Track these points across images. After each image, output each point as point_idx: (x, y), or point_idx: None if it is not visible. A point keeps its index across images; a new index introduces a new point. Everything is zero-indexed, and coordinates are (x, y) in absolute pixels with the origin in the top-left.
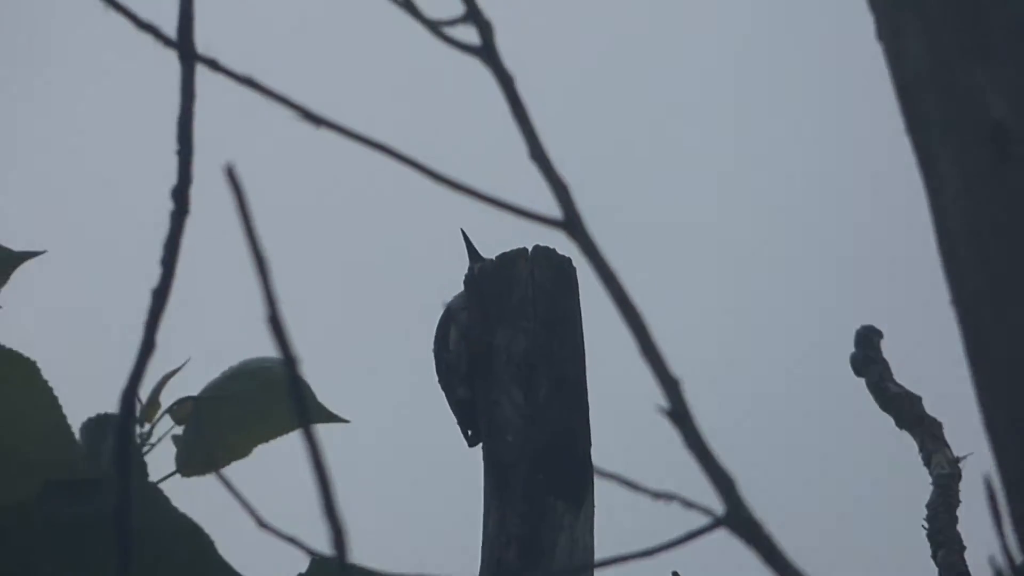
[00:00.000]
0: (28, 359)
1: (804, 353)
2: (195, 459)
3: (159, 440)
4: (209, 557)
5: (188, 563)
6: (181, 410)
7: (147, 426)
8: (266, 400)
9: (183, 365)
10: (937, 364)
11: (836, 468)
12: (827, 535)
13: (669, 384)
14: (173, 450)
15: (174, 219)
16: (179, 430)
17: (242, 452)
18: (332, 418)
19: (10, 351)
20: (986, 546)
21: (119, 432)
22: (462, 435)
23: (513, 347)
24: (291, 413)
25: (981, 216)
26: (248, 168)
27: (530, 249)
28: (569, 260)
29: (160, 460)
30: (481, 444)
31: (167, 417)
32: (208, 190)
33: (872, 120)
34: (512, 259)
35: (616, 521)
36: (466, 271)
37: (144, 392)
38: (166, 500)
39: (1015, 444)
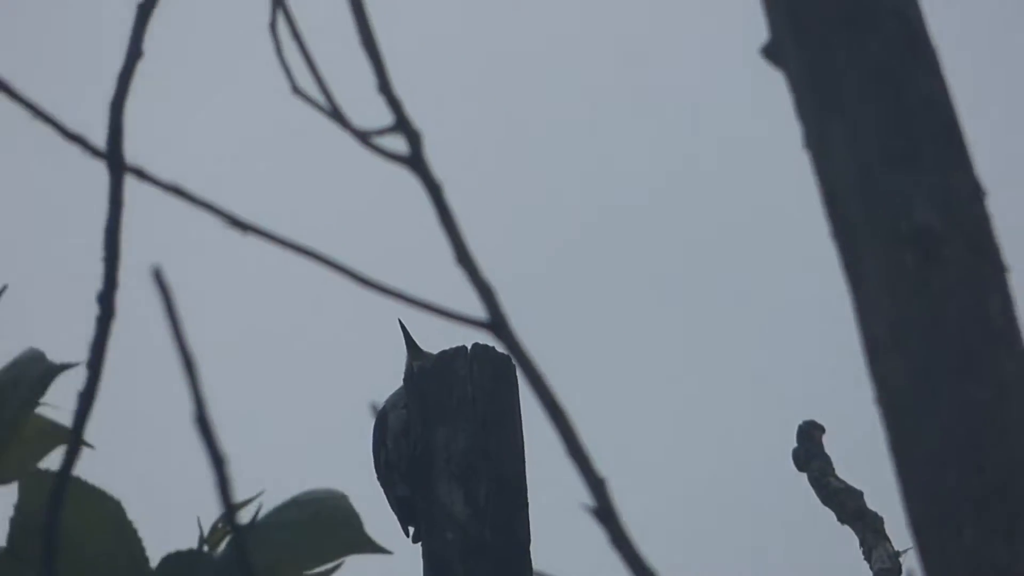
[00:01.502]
0: (114, 498)
1: (745, 448)
2: None
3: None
4: None
5: None
6: (215, 537)
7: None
8: (316, 528)
9: (258, 495)
10: (878, 459)
11: (777, 562)
12: None
13: (595, 483)
14: None
15: (100, 323)
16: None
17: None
18: (378, 549)
19: (98, 490)
20: None
21: (45, 532)
22: (403, 532)
23: (452, 446)
24: (339, 541)
25: (904, 317)
26: (176, 274)
27: (469, 347)
28: (509, 358)
29: None
30: (421, 541)
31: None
32: (138, 296)
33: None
34: (451, 357)
35: None
36: (405, 368)
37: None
38: None
39: (937, 537)
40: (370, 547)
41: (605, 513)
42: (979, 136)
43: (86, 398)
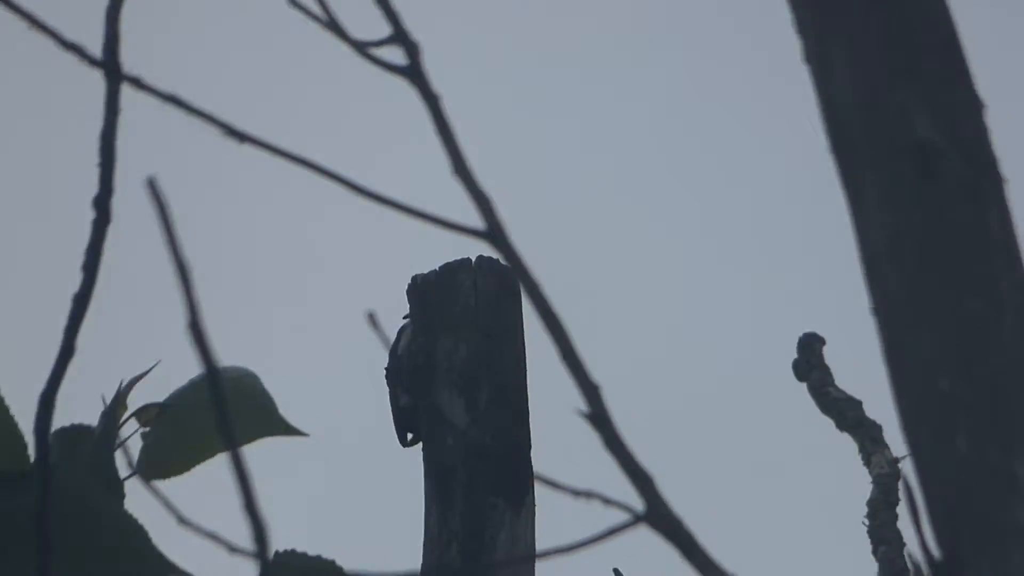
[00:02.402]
0: None
1: (747, 359)
2: (157, 463)
3: (122, 443)
4: (145, 547)
5: (122, 552)
6: (146, 415)
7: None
8: (231, 410)
9: (152, 368)
10: (877, 370)
11: (779, 469)
12: (774, 532)
13: (589, 389)
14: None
15: (95, 227)
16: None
17: (204, 457)
18: (292, 431)
19: None
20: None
21: (37, 436)
22: (398, 437)
23: (455, 356)
24: (253, 424)
25: (902, 231)
26: (172, 183)
27: (473, 260)
28: (512, 271)
29: (120, 462)
30: (422, 446)
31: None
32: (133, 205)
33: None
34: (455, 269)
35: (561, 526)
36: (409, 282)
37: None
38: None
39: (931, 445)
40: (284, 429)
41: (599, 418)
42: (977, 50)
43: (80, 302)
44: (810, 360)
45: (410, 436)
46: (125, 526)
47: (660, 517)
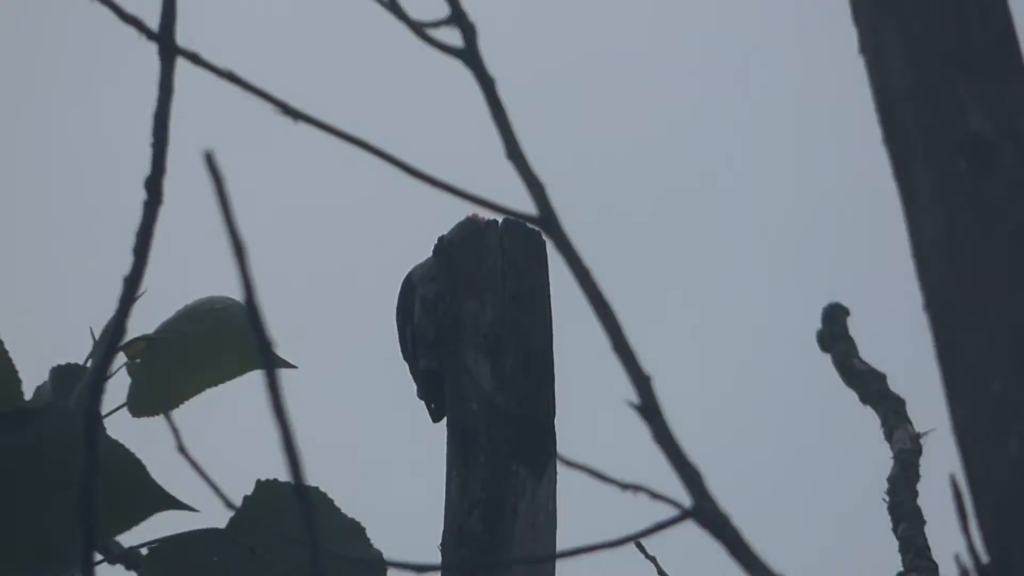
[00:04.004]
0: None
1: (771, 329)
2: (146, 399)
3: (110, 376)
4: (143, 480)
5: (122, 486)
6: (133, 347)
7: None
8: (218, 343)
9: (138, 296)
10: (902, 343)
11: (799, 443)
12: (788, 505)
13: (640, 380)
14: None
15: (147, 208)
16: (133, 365)
17: (192, 393)
18: (282, 363)
19: None
20: (945, 521)
21: (87, 420)
22: (425, 408)
23: (480, 318)
24: (243, 356)
25: (955, 225)
26: (227, 160)
27: (500, 221)
28: (539, 233)
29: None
30: (445, 412)
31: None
32: (187, 183)
33: (851, 127)
34: (482, 230)
35: (580, 510)
36: (436, 242)
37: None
38: (101, 429)
39: (981, 446)
40: (275, 361)
41: (650, 410)
42: None
43: (131, 284)
44: (834, 331)
45: (434, 407)
46: (122, 459)
47: (707, 513)
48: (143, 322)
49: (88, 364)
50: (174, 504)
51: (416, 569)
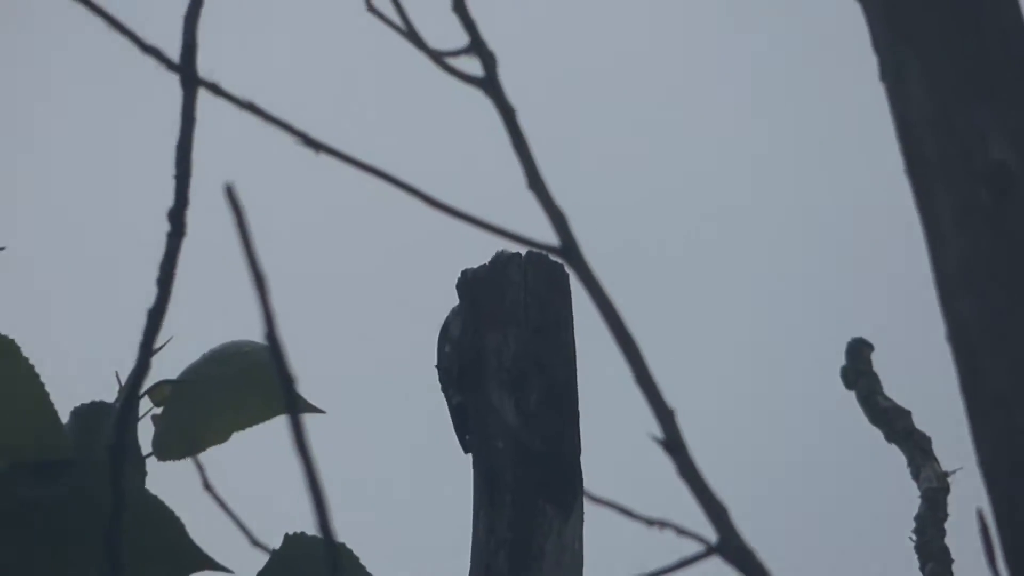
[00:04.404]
0: (6, 337)
1: (794, 366)
2: (171, 443)
3: (136, 421)
4: (180, 539)
5: (158, 544)
6: (159, 392)
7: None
8: (244, 385)
9: (166, 344)
10: (927, 379)
11: (825, 480)
12: (814, 545)
13: (664, 414)
14: (149, 432)
15: (170, 240)
16: (157, 411)
17: (219, 438)
18: (309, 408)
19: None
20: (974, 559)
21: (113, 457)
22: (459, 441)
23: (504, 352)
24: (269, 400)
25: (977, 255)
26: (248, 192)
27: (523, 254)
28: (562, 266)
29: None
30: (472, 450)
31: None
32: (208, 214)
33: (872, 156)
34: (504, 263)
35: (605, 546)
36: (459, 276)
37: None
38: (139, 481)
39: (1007, 480)
40: (303, 406)
41: (674, 444)
42: None
43: (155, 316)
44: (858, 367)
45: (467, 438)
46: (158, 516)
47: (733, 548)
48: (167, 368)
49: (116, 404)
50: (210, 565)
51: None
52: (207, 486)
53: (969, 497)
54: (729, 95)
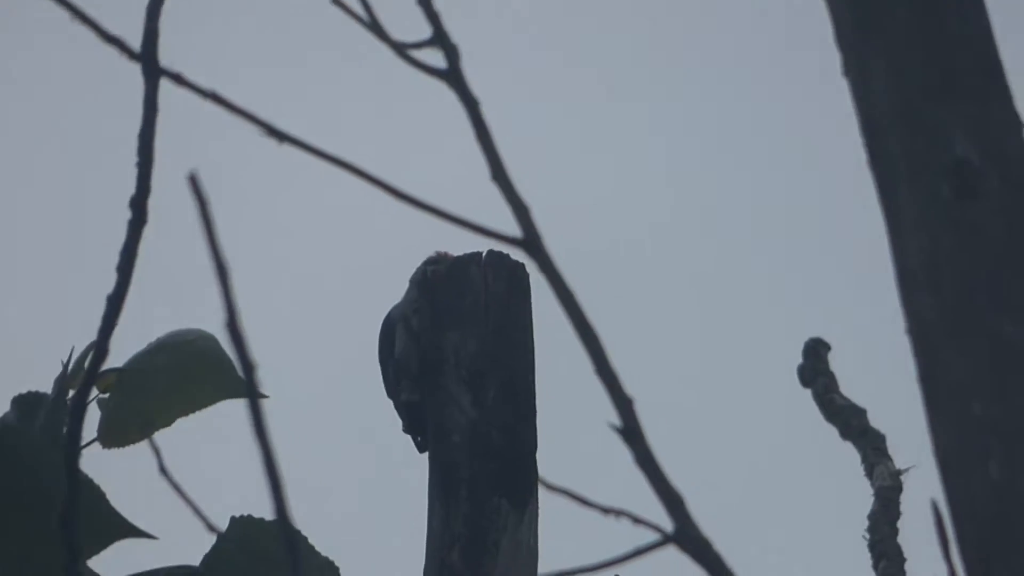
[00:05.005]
0: None
1: (751, 364)
2: (117, 430)
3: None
4: (103, 509)
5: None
6: (105, 381)
7: (71, 394)
8: (189, 373)
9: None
10: (882, 378)
11: (779, 476)
12: (769, 543)
13: (622, 403)
14: (95, 418)
15: (131, 228)
16: (103, 398)
17: (163, 424)
18: (255, 393)
19: None
20: (927, 558)
21: (70, 439)
22: (412, 441)
23: (463, 351)
24: (213, 387)
25: (939, 250)
26: (211, 181)
27: (484, 254)
28: (523, 266)
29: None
30: (428, 447)
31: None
32: (171, 201)
33: (832, 149)
34: (465, 263)
35: (561, 536)
36: (415, 272)
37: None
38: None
39: (963, 471)
40: (244, 391)
41: (632, 433)
42: (1018, 68)
43: (115, 303)
44: (815, 366)
45: (419, 439)
46: (83, 488)
47: (689, 538)
48: (114, 356)
49: (53, 392)
50: (134, 532)
51: None
52: (163, 470)
53: (922, 496)
54: (692, 90)
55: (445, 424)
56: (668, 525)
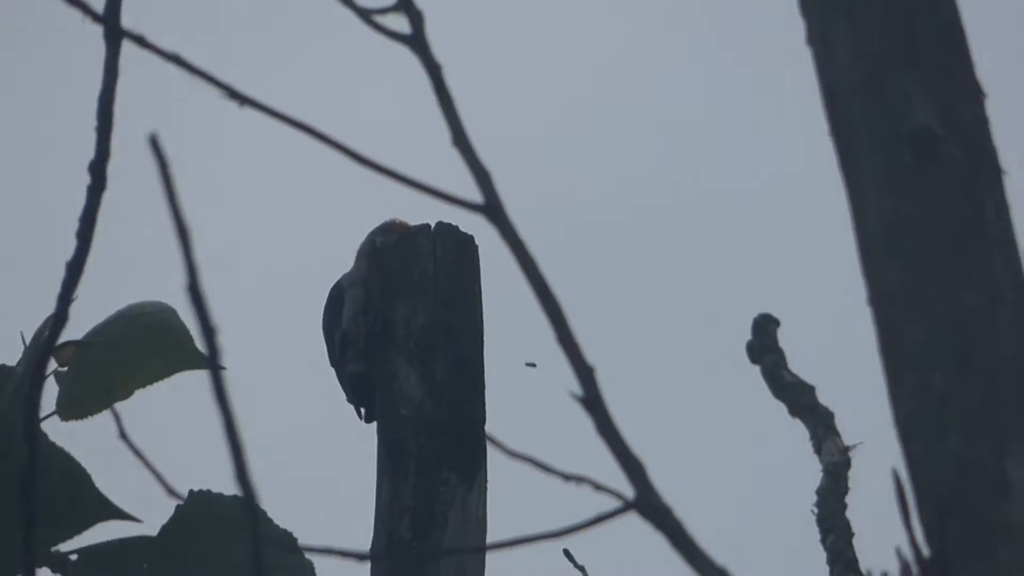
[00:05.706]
0: None
1: (701, 341)
2: (75, 402)
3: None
4: (88, 491)
5: (67, 497)
6: (64, 353)
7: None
8: (147, 345)
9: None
10: (831, 355)
11: (728, 453)
12: (719, 518)
13: (584, 372)
14: (54, 391)
15: (91, 193)
16: (62, 371)
17: (122, 396)
18: (211, 363)
19: None
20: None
21: (27, 403)
22: (355, 412)
23: (412, 324)
24: (170, 359)
25: (899, 218)
26: (172, 146)
27: (433, 225)
28: (472, 238)
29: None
30: (375, 419)
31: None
32: (133, 166)
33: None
34: (414, 234)
35: (523, 502)
36: (364, 243)
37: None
38: (44, 436)
39: (924, 441)
40: (202, 363)
41: (593, 402)
42: (979, 39)
43: (74, 268)
44: (764, 342)
45: (364, 411)
46: (66, 469)
47: (650, 505)
48: (73, 328)
49: (18, 366)
50: (118, 514)
51: None
52: (123, 435)
53: (871, 472)
54: (655, 50)
55: (393, 397)
56: (629, 492)
